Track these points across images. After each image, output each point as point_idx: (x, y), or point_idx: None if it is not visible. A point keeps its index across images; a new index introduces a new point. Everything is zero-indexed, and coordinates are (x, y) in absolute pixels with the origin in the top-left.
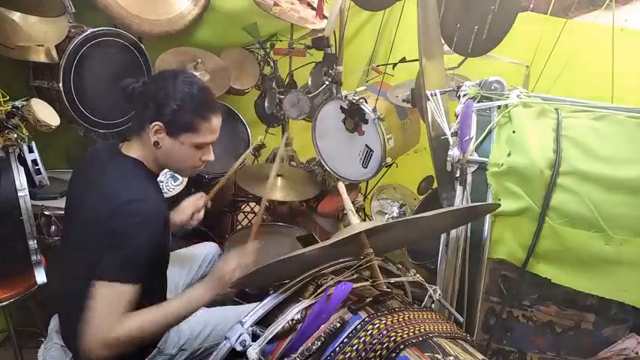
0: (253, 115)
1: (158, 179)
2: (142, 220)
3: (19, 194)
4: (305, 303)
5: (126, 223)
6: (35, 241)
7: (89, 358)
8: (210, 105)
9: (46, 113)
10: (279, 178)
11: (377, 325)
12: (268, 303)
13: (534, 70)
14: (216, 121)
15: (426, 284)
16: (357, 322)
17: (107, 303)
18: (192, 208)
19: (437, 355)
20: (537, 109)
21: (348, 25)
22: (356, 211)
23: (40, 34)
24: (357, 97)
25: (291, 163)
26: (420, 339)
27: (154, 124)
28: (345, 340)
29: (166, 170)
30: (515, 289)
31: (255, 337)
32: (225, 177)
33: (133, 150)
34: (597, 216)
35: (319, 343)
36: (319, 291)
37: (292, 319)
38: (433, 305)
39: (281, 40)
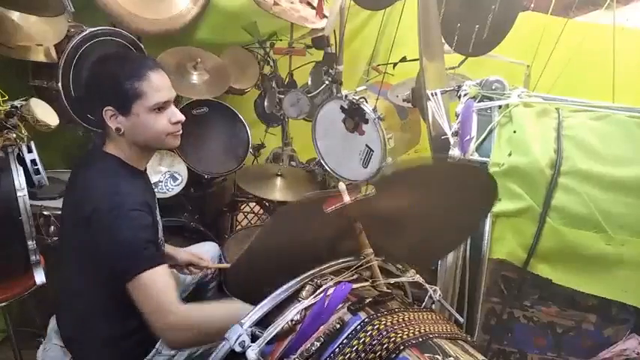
0: (253, 115)
1: (157, 179)
2: (120, 214)
3: (18, 194)
4: (304, 303)
5: (110, 222)
6: (34, 242)
7: (174, 346)
8: (141, 64)
9: (45, 113)
10: (279, 177)
11: (376, 326)
12: (267, 304)
13: (535, 69)
14: (157, 77)
15: (426, 285)
16: (357, 322)
17: (155, 289)
18: (194, 260)
19: (437, 356)
20: (538, 108)
21: (348, 25)
22: None
23: (40, 34)
24: (357, 97)
25: (291, 163)
26: (420, 340)
27: (104, 110)
28: (345, 341)
29: (165, 170)
30: (515, 290)
31: (254, 337)
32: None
33: (111, 148)
34: (598, 216)
35: (318, 344)
36: (319, 291)
37: (291, 320)
38: (433, 306)
39: (281, 40)
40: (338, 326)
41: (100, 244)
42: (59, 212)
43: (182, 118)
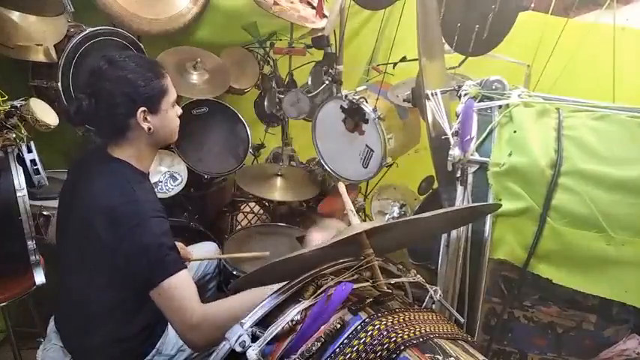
0: (253, 115)
1: (157, 179)
2: (141, 222)
3: (18, 194)
4: (305, 304)
5: (132, 230)
6: (34, 242)
7: (197, 348)
8: (156, 63)
9: (44, 113)
10: (279, 177)
11: (377, 326)
12: (268, 304)
13: (535, 69)
14: (167, 73)
15: (427, 285)
16: (357, 323)
17: (179, 294)
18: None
19: (437, 356)
20: (538, 108)
21: (348, 24)
22: (356, 211)
23: (39, 34)
24: (357, 97)
25: (291, 163)
26: (421, 340)
27: (139, 111)
28: (345, 341)
29: (165, 170)
30: (516, 290)
31: (254, 337)
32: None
33: (120, 153)
34: (598, 216)
35: (319, 344)
36: (319, 292)
37: (292, 320)
38: (434, 306)
39: (281, 39)
40: (339, 326)
41: (120, 252)
42: None
43: (180, 111)
